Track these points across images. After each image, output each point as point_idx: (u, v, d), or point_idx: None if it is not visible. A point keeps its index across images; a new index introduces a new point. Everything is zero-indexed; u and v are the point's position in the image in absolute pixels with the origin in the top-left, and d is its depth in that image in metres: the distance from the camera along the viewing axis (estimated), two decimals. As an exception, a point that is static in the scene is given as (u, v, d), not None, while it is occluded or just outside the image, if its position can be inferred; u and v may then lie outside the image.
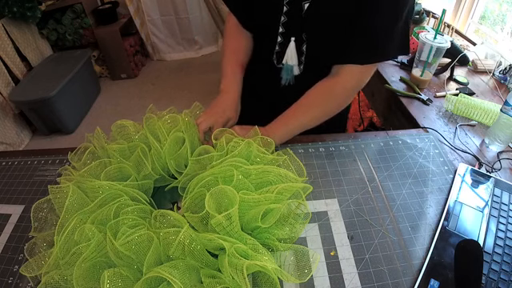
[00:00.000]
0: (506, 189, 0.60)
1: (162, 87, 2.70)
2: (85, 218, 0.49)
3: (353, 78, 0.66)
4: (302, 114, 0.67)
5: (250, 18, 0.72)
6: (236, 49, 0.76)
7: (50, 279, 0.44)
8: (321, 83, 0.68)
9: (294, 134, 0.68)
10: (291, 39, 0.66)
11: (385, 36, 0.60)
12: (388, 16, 0.58)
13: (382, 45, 0.62)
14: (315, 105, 0.67)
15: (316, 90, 0.67)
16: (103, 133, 0.63)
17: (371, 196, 0.60)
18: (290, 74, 0.71)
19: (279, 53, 0.70)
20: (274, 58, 0.71)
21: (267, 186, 0.53)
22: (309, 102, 0.67)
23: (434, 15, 1.28)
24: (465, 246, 0.49)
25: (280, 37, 0.67)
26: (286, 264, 0.49)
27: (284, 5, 0.63)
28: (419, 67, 0.96)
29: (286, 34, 0.66)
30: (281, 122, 0.67)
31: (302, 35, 0.65)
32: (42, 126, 2.15)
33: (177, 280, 0.39)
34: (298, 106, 0.67)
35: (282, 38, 0.67)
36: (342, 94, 0.68)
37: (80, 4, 2.40)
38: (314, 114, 0.67)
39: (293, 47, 0.67)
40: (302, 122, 0.67)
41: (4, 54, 2.00)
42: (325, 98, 0.67)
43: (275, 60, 0.72)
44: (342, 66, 0.65)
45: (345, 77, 0.66)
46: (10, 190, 0.65)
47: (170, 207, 0.60)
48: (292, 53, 0.67)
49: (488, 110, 0.79)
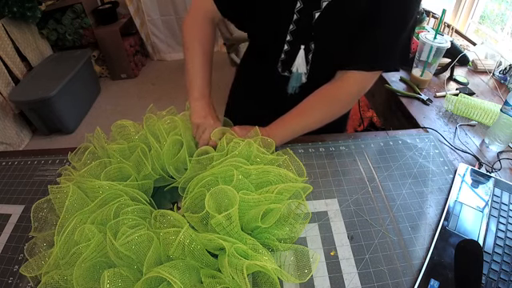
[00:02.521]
0: (506, 189, 0.60)
1: (162, 87, 2.70)
2: (85, 218, 0.49)
3: (356, 84, 0.66)
4: (303, 116, 0.67)
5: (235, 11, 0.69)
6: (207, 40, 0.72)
7: (50, 279, 0.44)
8: (324, 88, 0.68)
9: (294, 135, 0.68)
10: (301, 47, 0.65)
11: (390, 46, 0.61)
12: (395, 26, 0.59)
13: (387, 54, 0.62)
14: (317, 108, 0.67)
15: (319, 94, 0.67)
16: (103, 133, 0.63)
17: (371, 196, 0.60)
18: (299, 81, 0.71)
19: (285, 61, 0.70)
20: (279, 66, 0.71)
21: (267, 186, 0.53)
22: (311, 105, 0.67)
23: (434, 15, 1.28)
24: (465, 246, 0.49)
25: (287, 45, 0.67)
26: (286, 264, 0.49)
27: (294, 13, 0.62)
28: (419, 67, 0.96)
29: (294, 43, 0.66)
30: (282, 123, 0.67)
31: (309, 44, 0.65)
32: (42, 125, 2.15)
33: (177, 280, 0.39)
34: (300, 108, 0.67)
35: (288, 46, 0.67)
36: (345, 99, 0.68)
37: (80, 4, 2.40)
38: (316, 117, 0.68)
39: (302, 55, 0.66)
40: (303, 125, 0.68)
41: (4, 53, 2.00)
42: (327, 102, 0.67)
43: (280, 68, 0.71)
44: (346, 72, 0.65)
45: (348, 82, 0.66)
46: (10, 190, 0.65)
47: (170, 207, 0.60)
48: (302, 61, 0.67)
49: (488, 110, 0.79)
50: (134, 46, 2.78)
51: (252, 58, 0.82)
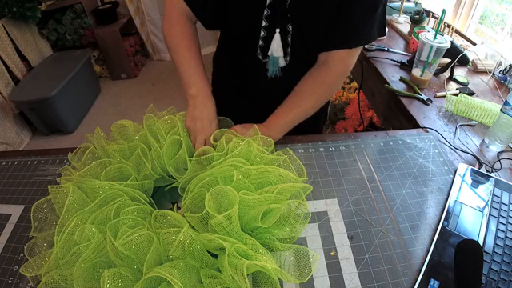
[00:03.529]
0: (506, 189, 0.60)
1: (161, 87, 2.70)
2: (85, 218, 0.49)
3: (342, 63, 0.68)
4: (297, 105, 0.69)
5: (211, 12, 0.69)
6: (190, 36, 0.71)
7: (50, 279, 0.44)
8: (313, 73, 0.69)
9: (292, 125, 0.69)
10: (276, 31, 0.66)
11: (368, 20, 0.63)
12: (371, 1, 0.61)
13: (367, 28, 0.64)
14: (309, 94, 0.69)
15: (308, 81, 0.69)
16: (103, 133, 0.63)
17: (371, 196, 0.60)
18: (276, 65, 0.72)
19: (263, 47, 0.70)
20: (259, 53, 0.71)
21: (267, 186, 0.53)
22: (303, 92, 0.69)
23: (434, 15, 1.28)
24: (465, 246, 0.49)
25: (263, 31, 0.67)
26: (286, 264, 0.49)
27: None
28: (419, 67, 0.96)
29: (270, 27, 0.66)
30: (278, 114, 0.69)
31: (286, 26, 0.66)
32: (41, 126, 2.15)
33: (177, 280, 0.39)
34: (293, 97, 0.69)
35: (265, 31, 0.67)
36: (334, 81, 0.71)
37: (80, 4, 2.40)
38: (310, 103, 0.69)
39: (278, 39, 0.67)
40: (299, 114, 0.69)
41: (4, 53, 2.00)
42: (318, 86, 0.69)
43: (260, 55, 0.72)
44: (330, 53, 0.67)
45: (334, 63, 0.68)
46: (10, 190, 0.65)
47: (170, 207, 0.60)
48: (277, 44, 0.68)
49: (488, 110, 0.79)
50: (134, 45, 2.78)
51: (227, 51, 0.81)
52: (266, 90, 0.76)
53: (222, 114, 0.72)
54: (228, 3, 0.66)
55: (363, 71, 1.18)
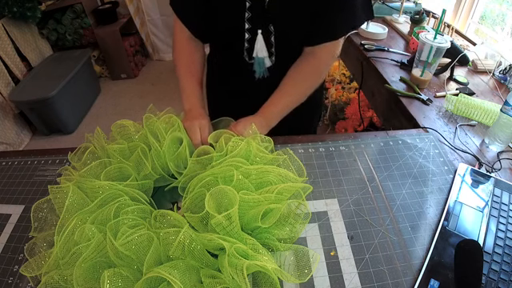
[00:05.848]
0: (506, 189, 0.60)
1: (161, 87, 2.70)
2: (85, 218, 0.49)
3: (329, 53, 0.70)
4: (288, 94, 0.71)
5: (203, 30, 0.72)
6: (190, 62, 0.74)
7: (50, 279, 0.44)
8: (300, 64, 0.71)
9: (285, 112, 0.71)
10: (258, 32, 0.67)
11: (350, 6, 0.64)
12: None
13: (351, 17, 0.65)
14: (299, 83, 0.71)
15: (298, 71, 0.71)
16: (103, 133, 0.63)
17: (371, 196, 0.60)
18: (263, 66, 0.73)
19: (248, 49, 0.71)
20: (245, 55, 0.73)
21: (267, 186, 0.53)
22: (293, 82, 0.71)
23: (434, 15, 1.28)
24: (465, 246, 0.49)
25: (247, 33, 0.68)
26: (286, 264, 0.49)
27: (246, 1, 0.64)
28: (419, 67, 0.96)
29: (253, 29, 0.67)
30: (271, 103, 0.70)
31: (268, 27, 0.67)
32: (41, 126, 2.15)
33: (177, 280, 0.39)
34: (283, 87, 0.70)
35: (249, 34, 0.68)
36: (322, 70, 0.74)
37: (80, 4, 2.40)
38: (300, 92, 0.71)
39: (261, 39, 0.68)
40: (289, 102, 0.70)
41: (4, 53, 2.00)
42: (309, 75, 0.71)
43: (246, 57, 0.73)
44: (316, 45, 0.68)
45: (321, 54, 0.70)
46: (10, 190, 0.65)
47: (170, 207, 0.59)
48: (261, 45, 0.69)
49: (488, 110, 0.79)
50: (134, 45, 2.78)
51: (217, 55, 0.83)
52: (256, 91, 0.77)
53: (217, 113, 0.73)
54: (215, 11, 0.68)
55: (363, 71, 1.18)
